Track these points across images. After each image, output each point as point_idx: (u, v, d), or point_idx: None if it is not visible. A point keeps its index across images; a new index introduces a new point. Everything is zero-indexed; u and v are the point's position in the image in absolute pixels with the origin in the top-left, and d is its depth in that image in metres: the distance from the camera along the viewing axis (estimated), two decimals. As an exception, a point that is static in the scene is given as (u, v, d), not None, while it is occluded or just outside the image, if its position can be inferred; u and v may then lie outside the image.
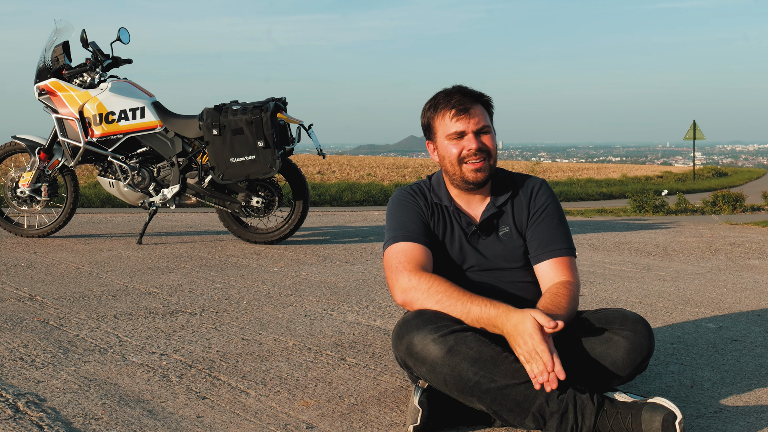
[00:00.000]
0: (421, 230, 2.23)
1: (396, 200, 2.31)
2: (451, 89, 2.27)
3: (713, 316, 3.45)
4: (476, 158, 2.21)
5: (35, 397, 2.22)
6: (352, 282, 4.18)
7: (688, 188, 25.86)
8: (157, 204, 5.47)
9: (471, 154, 2.20)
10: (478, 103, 2.24)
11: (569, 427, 1.92)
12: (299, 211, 5.53)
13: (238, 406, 2.20)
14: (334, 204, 13.13)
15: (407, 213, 2.27)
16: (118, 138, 5.43)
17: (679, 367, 2.66)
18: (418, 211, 2.27)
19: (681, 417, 1.86)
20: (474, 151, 2.20)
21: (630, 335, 2.05)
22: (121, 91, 5.46)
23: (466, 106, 2.21)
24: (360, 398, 2.28)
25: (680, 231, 7.29)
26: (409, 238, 2.21)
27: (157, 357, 2.68)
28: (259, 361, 2.64)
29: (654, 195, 11.56)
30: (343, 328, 3.15)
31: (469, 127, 2.21)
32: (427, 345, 1.97)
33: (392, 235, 2.24)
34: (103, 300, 3.59)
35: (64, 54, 5.57)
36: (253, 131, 5.08)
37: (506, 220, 2.29)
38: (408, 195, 2.31)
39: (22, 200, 5.60)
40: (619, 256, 5.35)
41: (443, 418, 2.03)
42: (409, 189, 2.33)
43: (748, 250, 5.80)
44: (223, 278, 4.20)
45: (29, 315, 3.25)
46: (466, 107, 2.21)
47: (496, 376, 1.93)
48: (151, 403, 2.20)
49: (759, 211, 11.51)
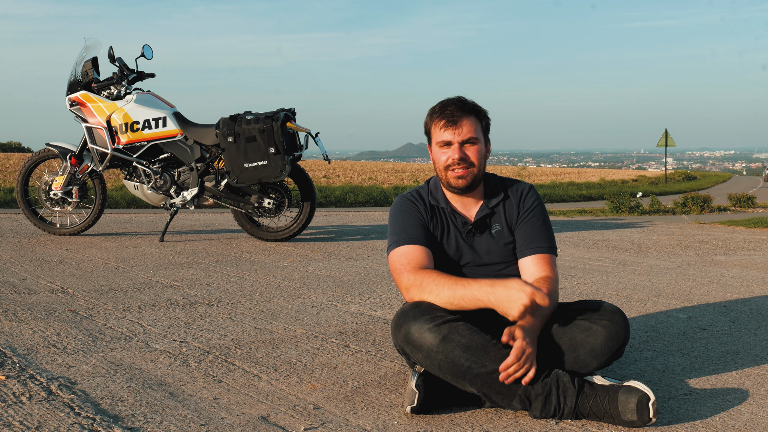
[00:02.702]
0: (420, 233, 2.24)
1: (397, 206, 2.32)
2: (450, 100, 2.26)
3: (683, 307, 3.44)
4: (459, 167, 2.21)
5: (67, 381, 2.22)
6: (355, 276, 4.17)
7: (660, 191, 25.84)
8: (178, 205, 5.46)
9: (454, 163, 2.21)
10: (471, 115, 2.23)
11: (552, 408, 1.92)
12: (307, 211, 5.52)
13: (251, 388, 2.19)
14: (339, 205, 13.11)
15: (408, 218, 2.27)
16: (142, 145, 5.43)
17: (653, 353, 2.65)
18: (418, 215, 2.28)
19: (654, 399, 1.87)
20: (456, 161, 2.21)
21: (608, 324, 2.05)
22: (144, 102, 5.46)
23: (456, 119, 2.21)
24: (362, 382, 2.28)
25: (653, 230, 7.29)
26: (409, 241, 2.22)
27: (177, 344, 2.67)
28: (271, 348, 2.64)
29: (629, 197, 11.54)
30: (346, 318, 3.15)
31: (455, 138, 2.21)
32: (423, 334, 1.97)
33: (394, 240, 2.24)
34: (129, 292, 3.58)
35: (93, 69, 5.57)
36: (265, 139, 5.08)
37: (498, 219, 2.30)
38: (408, 201, 2.32)
39: (54, 202, 5.60)
40: (598, 253, 5.34)
41: (438, 399, 2.03)
42: (409, 195, 2.34)
43: (715, 247, 5.80)
44: (237, 272, 4.20)
45: (61, 306, 3.25)
46: (456, 119, 2.21)
47: (486, 361, 1.93)
48: (172, 386, 2.20)
49: (725, 211, 11.49)
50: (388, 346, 2.70)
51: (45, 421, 1.89)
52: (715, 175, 51.90)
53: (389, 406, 2.07)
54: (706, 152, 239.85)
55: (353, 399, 2.12)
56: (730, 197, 12.77)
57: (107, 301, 3.36)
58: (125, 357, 2.49)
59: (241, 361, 2.48)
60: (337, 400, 2.10)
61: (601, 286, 3.96)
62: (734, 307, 3.45)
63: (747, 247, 5.87)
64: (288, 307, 3.34)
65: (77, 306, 3.26)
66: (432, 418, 1.97)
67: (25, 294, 3.48)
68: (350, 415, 1.99)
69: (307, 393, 2.17)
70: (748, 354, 2.65)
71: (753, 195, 13.51)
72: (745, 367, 2.49)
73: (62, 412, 1.96)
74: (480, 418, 1.98)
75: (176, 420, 1.93)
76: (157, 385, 2.20)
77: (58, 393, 2.11)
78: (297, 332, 2.88)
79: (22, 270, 4.11)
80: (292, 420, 1.94)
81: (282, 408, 2.03)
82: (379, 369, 2.42)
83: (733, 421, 1.97)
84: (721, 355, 2.64)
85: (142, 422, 1.90)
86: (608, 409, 1.89)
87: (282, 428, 1.88)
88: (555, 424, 1.92)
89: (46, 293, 3.51)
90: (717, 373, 2.42)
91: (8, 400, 2.04)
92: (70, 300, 3.38)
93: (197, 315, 3.14)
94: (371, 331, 2.93)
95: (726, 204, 12.64)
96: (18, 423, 1.87)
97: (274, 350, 2.62)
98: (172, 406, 2.03)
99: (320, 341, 2.75)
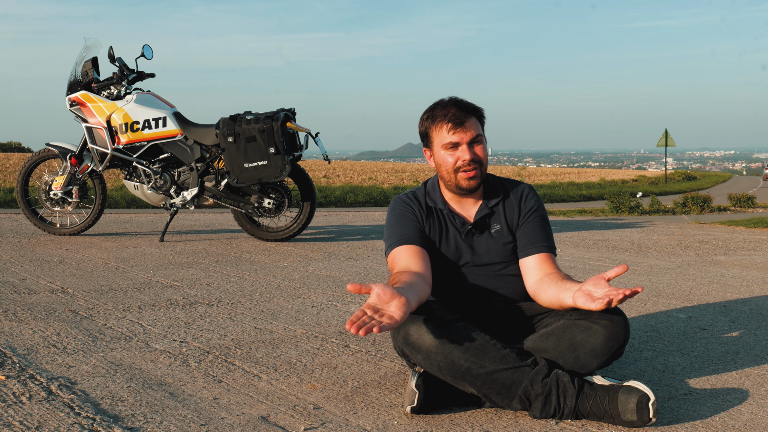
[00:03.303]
0: (415, 233, 2.25)
1: (392, 208, 2.34)
2: (448, 101, 2.26)
3: (683, 307, 3.44)
4: (470, 168, 2.22)
5: (67, 381, 2.22)
6: (355, 276, 4.17)
7: (660, 191, 25.84)
8: (178, 205, 5.47)
9: (465, 164, 2.21)
10: (472, 116, 2.24)
11: (552, 409, 1.92)
12: (307, 211, 5.52)
13: (251, 388, 2.19)
14: (339, 205, 13.12)
15: (402, 219, 2.28)
16: (142, 145, 5.43)
17: (653, 353, 2.65)
18: (412, 217, 2.29)
19: (654, 399, 1.86)
20: (468, 162, 2.21)
21: (608, 324, 2.05)
22: (144, 102, 5.46)
23: (462, 120, 2.21)
24: (362, 382, 2.28)
25: (653, 230, 7.29)
26: (402, 242, 2.23)
27: (177, 344, 2.67)
28: (271, 348, 2.64)
29: (629, 197, 11.54)
30: (346, 317, 3.15)
31: (464, 139, 2.21)
32: (422, 335, 1.97)
33: (390, 243, 2.27)
34: (129, 292, 3.58)
35: (93, 69, 5.57)
36: (265, 139, 5.08)
37: (498, 219, 2.31)
38: (402, 203, 2.33)
39: (55, 201, 5.60)
40: (598, 253, 5.34)
41: (438, 400, 2.02)
42: (404, 197, 2.35)
43: (715, 247, 5.80)
44: (237, 272, 4.20)
45: (61, 306, 3.25)
46: (462, 120, 2.21)
47: (485, 362, 1.93)
48: (172, 386, 2.20)
49: (725, 211, 11.50)
50: (388, 346, 2.70)
51: (45, 421, 1.89)
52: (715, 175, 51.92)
53: (389, 406, 2.07)
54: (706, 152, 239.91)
55: (353, 399, 2.12)
56: (730, 197, 12.77)
57: (107, 301, 3.36)
58: (125, 357, 2.49)
59: (241, 361, 2.48)
60: (337, 400, 2.10)
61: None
62: (734, 307, 3.45)
63: (747, 247, 5.87)
64: (288, 307, 3.34)
65: (77, 306, 3.26)
66: (432, 418, 1.97)
67: (25, 294, 3.48)
68: (350, 415, 1.99)
69: (307, 393, 2.17)
70: (748, 354, 2.65)
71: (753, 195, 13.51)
72: (745, 367, 2.49)
73: (62, 412, 1.96)
74: (480, 418, 1.98)
75: (176, 420, 1.93)
76: (157, 385, 2.20)
77: (58, 393, 2.11)
78: (297, 332, 2.88)
79: (22, 270, 4.11)
80: (292, 420, 1.94)
81: (282, 408, 2.03)
82: (379, 369, 2.42)
83: (733, 421, 1.97)
84: (721, 355, 2.64)
85: (142, 422, 1.90)
86: (608, 409, 1.89)
87: (282, 428, 1.88)
88: (555, 424, 1.92)
89: (46, 293, 3.51)
90: (717, 373, 2.42)
91: (8, 400, 2.04)
92: (70, 300, 3.38)
93: (197, 315, 3.14)
94: (371, 331, 2.93)
95: (726, 204, 12.64)
96: (18, 423, 1.87)
97: (274, 350, 2.61)
98: (172, 406, 2.03)
99: (320, 341, 2.75)
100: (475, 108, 2.26)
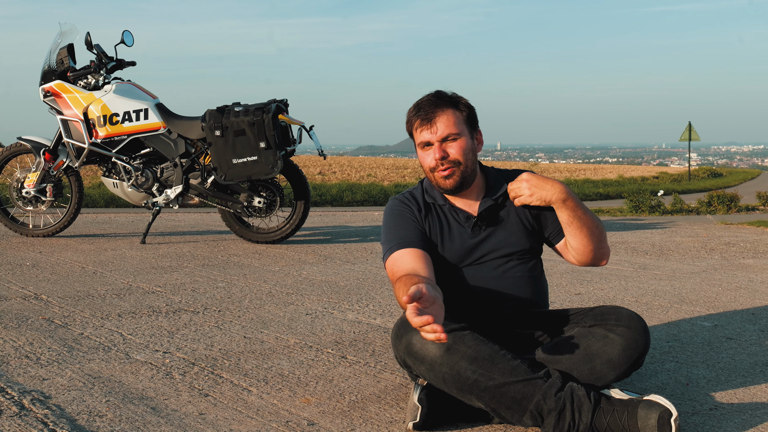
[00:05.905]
0: (415, 235, 2.25)
1: (389, 210, 2.34)
2: (424, 97, 2.27)
3: (708, 315, 3.45)
4: (443, 167, 2.23)
5: (40, 395, 2.22)
6: (352, 281, 4.18)
7: (683, 188, 25.86)
8: (161, 204, 5.47)
9: (438, 163, 2.22)
10: (447, 108, 2.23)
11: (566, 425, 1.92)
12: (300, 211, 5.53)
13: (240, 403, 2.20)
14: (335, 204, 13.13)
15: (400, 221, 2.29)
16: (122, 139, 5.43)
17: (675, 364, 2.66)
18: (411, 217, 2.29)
19: (676, 414, 1.87)
20: (438, 161, 2.22)
21: (625, 332, 2.05)
22: (124, 93, 5.46)
23: (429, 116, 2.22)
24: (360, 395, 2.28)
25: (676, 231, 7.29)
26: (402, 245, 2.23)
27: (160, 355, 2.68)
28: (261, 359, 2.64)
29: (650, 195, 11.55)
30: (343, 326, 3.15)
31: (433, 138, 2.22)
32: (425, 344, 1.97)
33: (388, 247, 2.26)
34: (107, 299, 3.59)
35: (69, 56, 5.57)
36: (255, 132, 5.08)
37: (508, 211, 2.32)
38: (400, 203, 2.34)
39: (27, 200, 5.60)
40: (616, 256, 5.34)
41: (442, 415, 2.03)
42: (401, 197, 2.35)
43: (742, 250, 5.80)
44: (225, 277, 4.20)
45: (34, 313, 3.25)
46: (429, 117, 2.22)
47: (494, 374, 1.93)
48: (154, 400, 2.21)
49: (753, 211, 11.50)
50: (388, 356, 2.71)
51: (17, 438, 1.90)
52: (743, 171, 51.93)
53: (390, 422, 2.07)
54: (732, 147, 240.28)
55: (351, 414, 2.12)
56: (759, 195, 12.77)
57: (84, 309, 3.37)
58: (104, 369, 2.50)
59: (229, 373, 2.48)
60: (333, 416, 2.11)
61: (619, 292, 3.96)
62: (763, 315, 3.45)
63: (777, 249, 5.87)
64: (280, 314, 3.34)
65: (52, 314, 3.26)
66: (436, 435, 1.98)
67: (-5, 300, 3.48)
68: (347, 432, 1.99)
69: (300, 408, 2.17)
70: (779, 365, 2.66)
71: (784, 193, 13.51)
72: (775, 379, 2.49)
73: (35, 428, 1.96)
74: (488, 435, 1.98)
75: (159, 437, 1.93)
76: (138, 400, 2.20)
77: (30, 408, 2.11)
78: (290, 342, 2.89)
79: (-8, 274, 4.12)
80: (285, 437, 1.94)
81: (273, 424, 2.04)
82: (378, 382, 2.42)
83: (762, 439, 1.98)
84: (749, 366, 2.65)
85: (121, 439, 1.91)
86: (627, 426, 1.89)
87: (273, 446, 1.89)
88: (569, 442, 1.92)
89: (18, 300, 3.52)
90: (745, 386, 2.42)
91: (-23, 415, 2.04)
92: (44, 307, 3.38)
93: (182, 323, 3.14)
94: (370, 340, 2.93)
95: (754, 203, 12.64)
96: (-13, 440, 1.87)
97: (264, 361, 2.62)
98: (155, 422, 2.03)
99: (315, 352, 2.76)
100: (452, 99, 2.25)
